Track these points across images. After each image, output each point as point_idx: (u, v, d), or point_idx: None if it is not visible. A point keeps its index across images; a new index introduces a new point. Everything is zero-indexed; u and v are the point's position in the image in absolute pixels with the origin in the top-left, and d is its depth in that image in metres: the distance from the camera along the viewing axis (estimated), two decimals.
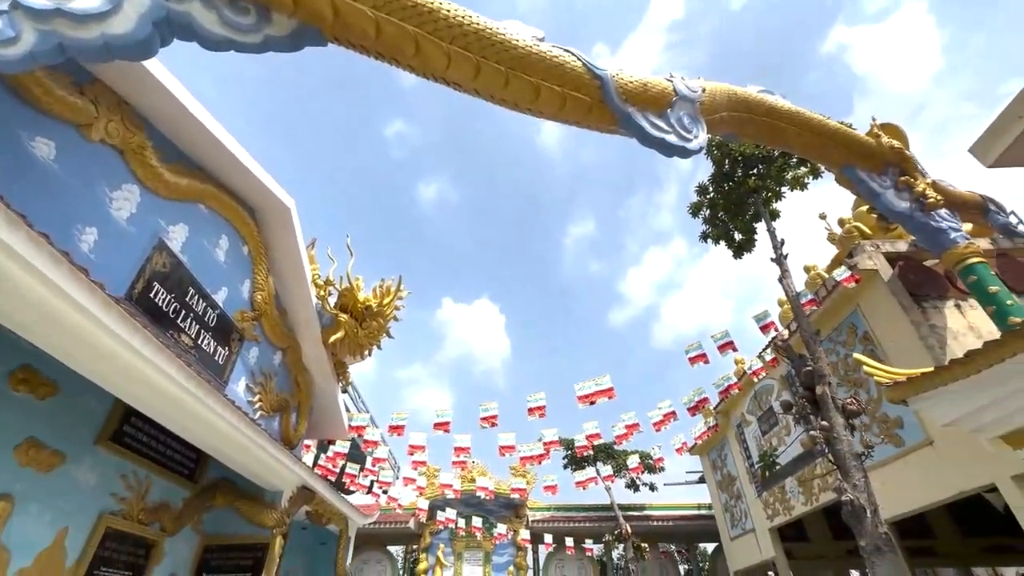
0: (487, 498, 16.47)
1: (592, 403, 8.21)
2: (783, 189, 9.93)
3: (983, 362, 4.36)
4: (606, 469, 16.05)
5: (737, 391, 11.02)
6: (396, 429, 8.70)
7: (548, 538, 15.90)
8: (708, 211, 10.26)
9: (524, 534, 15.94)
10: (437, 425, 8.56)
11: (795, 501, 11.35)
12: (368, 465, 10.88)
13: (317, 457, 11.26)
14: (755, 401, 13.17)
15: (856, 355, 5.88)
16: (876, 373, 5.56)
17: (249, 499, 7.21)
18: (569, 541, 15.80)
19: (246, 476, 6.95)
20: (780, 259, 8.11)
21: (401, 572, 17.80)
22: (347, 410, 9.39)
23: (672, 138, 4.84)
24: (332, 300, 7.20)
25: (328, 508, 9.11)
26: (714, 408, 15.22)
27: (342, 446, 10.45)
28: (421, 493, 13.15)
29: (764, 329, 9.41)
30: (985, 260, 7.08)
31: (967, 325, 8.04)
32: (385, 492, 13.38)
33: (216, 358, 5.88)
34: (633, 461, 13.89)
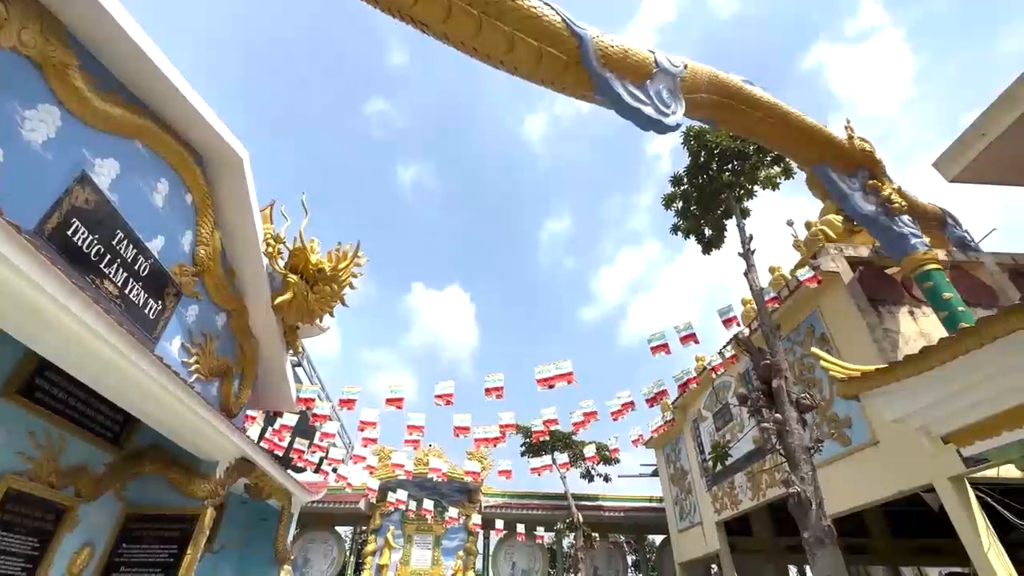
0: (440, 480, 16.27)
1: (551, 387, 8.06)
2: (755, 188, 9.97)
3: (936, 359, 4.37)
4: (563, 457, 16.09)
5: (696, 385, 11.11)
6: (347, 403, 8.34)
7: (500, 524, 15.84)
8: (681, 203, 10.22)
9: (476, 519, 15.82)
10: (389, 401, 8.24)
11: (742, 496, 11.57)
12: (317, 441, 10.46)
13: (264, 430, 10.78)
14: (712, 397, 13.35)
15: (814, 349, 5.91)
16: (831, 368, 5.58)
17: (181, 468, 6.76)
18: (520, 528, 15.77)
19: (179, 443, 6.51)
20: (747, 253, 8.11)
21: (348, 554, 17.44)
22: (297, 381, 8.97)
23: (649, 110, 4.65)
24: (282, 261, 6.75)
25: (269, 482, 8.70)
26: (672, 403, 15.42)
27: (290, 419, 10.00)
28: (372, 473, 12.81)
29: (727, 323, 9.46)
30: (941, 268, 7.26)
31: (919, 331, 8.25)
32: (334, 470, 12.98)
33: (147, 312, 5.40)
34: (590, 451, 13.92)
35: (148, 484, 6.75)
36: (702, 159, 9.14)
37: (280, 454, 10.63)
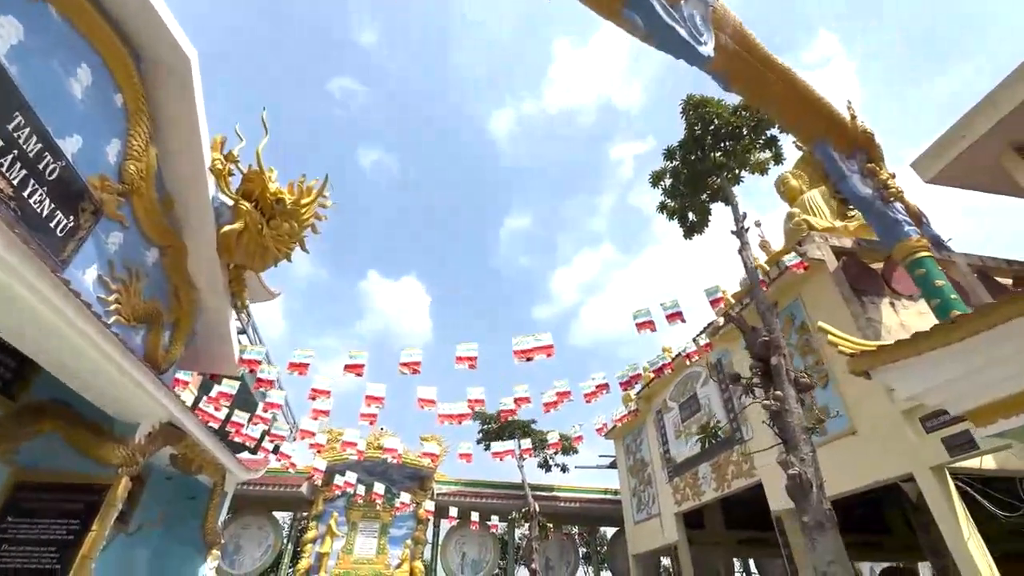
0: (393, 465, 15.35)
1: (529, 359, 7.44)
2: (743, 173, 9.73)
3: (966, 330, 4.04)
4: (522, 444, 15.53)
5: (670, 371, 10.81)
6: (299, 367, 7.38)
7: (453, 511, 15.12)
8: (670, 180, 9.84)
9: (429, 506, 15.01)
10: (348, 367, 7.35)
11: (706, 487, 11.41)
12: (260, 412, 9.35)
13: (198, 400, 9.57)
14: (679, 388, 13.17)
15: (821, 324, 5.59)
16: (840, 342, 5.23)
17: (90, 428, 5.65)
18: (475, 516, 15.12)
19: (90, 399, 5.43)
20: (741, 231, 7.79)
21: (285, 541, 16.20)
22: (239, 341, 7.90)
23: (683, 32, 4.08)
24: (235, 186, 5.73)
25: (200, 454, 7.61)
26: (636, 393, 15.19)
27: (229, 387, 8.87)
28: (320, 452, 11.70)
29: (714, 304, 9.13)
30: (932, 255, 7.19)
31: (900, 323, 8.20)
32: (276, 449, 11.85)
33: (53, 226, 4.33)
34: (553, 438, 13.43)
35: (46, 446, 5.61)
36: (697, 132, 8.75)
37: (216, 427, 9.47)
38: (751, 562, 18.42)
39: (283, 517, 16.50)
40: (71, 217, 4.50)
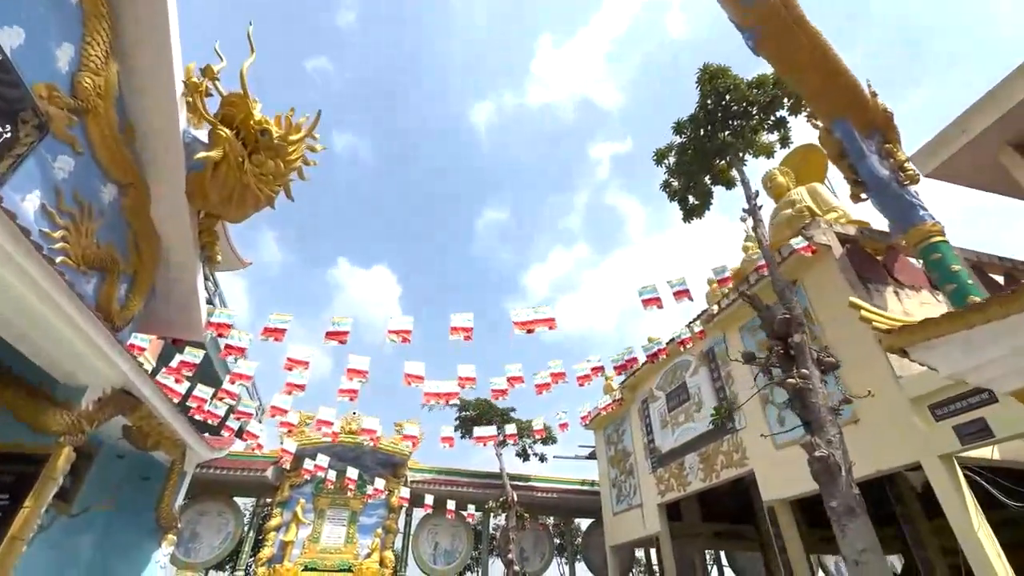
0: (368, 448, 14.62)
1: (530, 332, 6.93)
2: (747, 156, 9.47)
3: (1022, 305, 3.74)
4: (498, 433, 15.02)
5: (665, 356, 10.50)
6: (274, 333, 6.63)
7: (429, 499, 14.52)
8: (675, 158, 9.48)
9: (404, 492, 14.36)
10: (331, 335, 6.66)
11: (693, 478, 11.19)
12: (227, 385, 8.52)
13: (156, 370, 8.68)
14: (667, 377, 12.93)
15: (852, 299, 5.29)
16: (875, 318, 4.93)
17: (26, 389, 4.84)
18: (451, 504, 14.57)
19: (26, 353, 4.64)
20: (754, 208, 7.47)
21: (246, 529, 15.27)
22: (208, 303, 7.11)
23: None
24: (212, 111, 4.96)
25: (158, 428, 6.82)
26: (621, 383, 14.92)
27: (192, 355, 8.03)
28: (291, 432, 10.84)
29: (722, 283, 8.81)
30: (947, 240, 7.03)
31: (903, 311, 8.06)
32: (242, 430, 10.99)
33: None
34: (537, 424, 12.98)
35: None
36: (710, 105, 8.38)
37: (176, 401, 8.62)
38: (722, 555, 18.51)
39: (245, 503, 15.55)
40: (7, 126, 3.71)
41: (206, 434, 10.08)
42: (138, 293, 5.81)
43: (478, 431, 11.44)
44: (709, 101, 8.34)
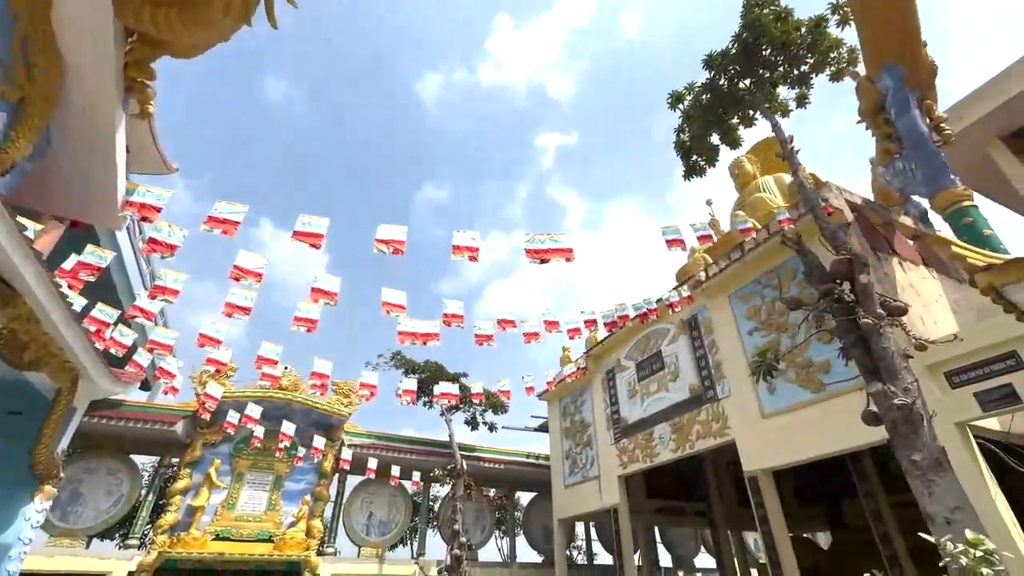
0: (303, 403, 12.91)
1: (544, 262, 5.87)
2: (756, 115, 8.97)
3: None
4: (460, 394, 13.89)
5: (655, 317, 9.85)
6: (224, 224, 5.02)
7: (373, 464, 13.09)
8: (691, 102, 8.77)
9: (347, 454, 12.82)
10: (299, 235, 5.16)
11: (663, 448, 10.76)
12: (144, 302, 6.65)
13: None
14: (639, 346, 12.42)
15: (940, 234, 4.77)
16: (969, 254, 4.41)
17: None
18: (396, 471, 13.27)
19: None
20: (791, 153, 6.87)
21: (144, 492, 13.00)
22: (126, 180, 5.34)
23: None
24: None
25: (42, 337, 5.04)
26: (585, 353, 14.30)
27: (96, 257, 6.13)
28: (219, 373, 8.86)
29: (702, 240, 8.14)
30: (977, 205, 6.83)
31: (909, 283, 7.92)
32: (154, 366, 9.03)
33: None
34: (505, 385, 11.93)
35: None
36: (746, 38, 7.67)
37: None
38: (656, 530, 18.71)
39: (145, 462, 13.27)
40: None
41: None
42: (24, 132, 4.04)
43: (439, 388, 10.27)
44: (747, 34, 7.61)
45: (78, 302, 6.18)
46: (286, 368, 14.02)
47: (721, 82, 8.35)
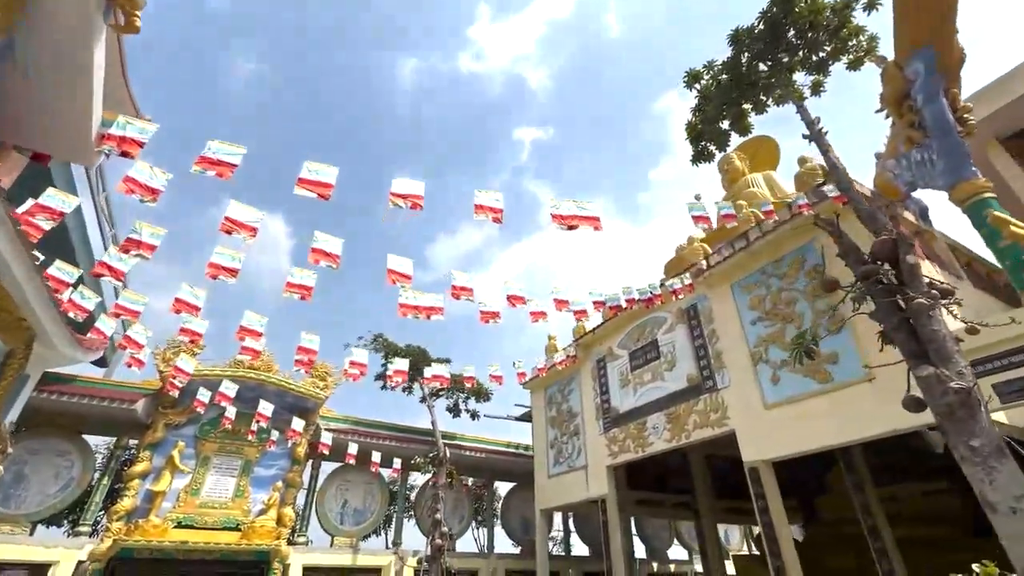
0: (280, 385, 12.14)
1: (572, 227, 5.45)
2: (769, 100, 8.80)
3: None
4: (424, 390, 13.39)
5: (660, 302, 9.57)
6: (218, 166, 4.36)
7: (353, 448, 12.44)
8: (711, 79, 8.49)
9: (326, 438, 12.11)
10: (305, 183, 4.57)
11: (656, 438, 10.56)
12: (111, 258, 5.86)
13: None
14: (633, 334, 12.19)
15: (995, 213, 4.59)
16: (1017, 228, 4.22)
17: None
18: (376, 457, 12.66)
19: None
20: (819, 135, 6.66)
21: (98, 475, 11.99)
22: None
23: None
24: None
25: None
26: (574, 341, 14.00)
27: (58, 201, 5.33)
28: (193, 343, 7.97)
29: (697, 220, 7.82)
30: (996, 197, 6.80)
31: None
32: (114, 339, 8.17)
33: None
34: (495, 371, 11.44)
35: None
36: (776, 14, 7.42)
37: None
38: (632, 521, 18.73)
39: (99, 443, 12.23)
40: None
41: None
42: None
43: (430, 371, 9.75)
44: (776, 8, 7.36)
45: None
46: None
47: (743, 60, 8.11)
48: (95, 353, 6.74)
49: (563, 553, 17.04)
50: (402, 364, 9.08)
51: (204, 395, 10.04)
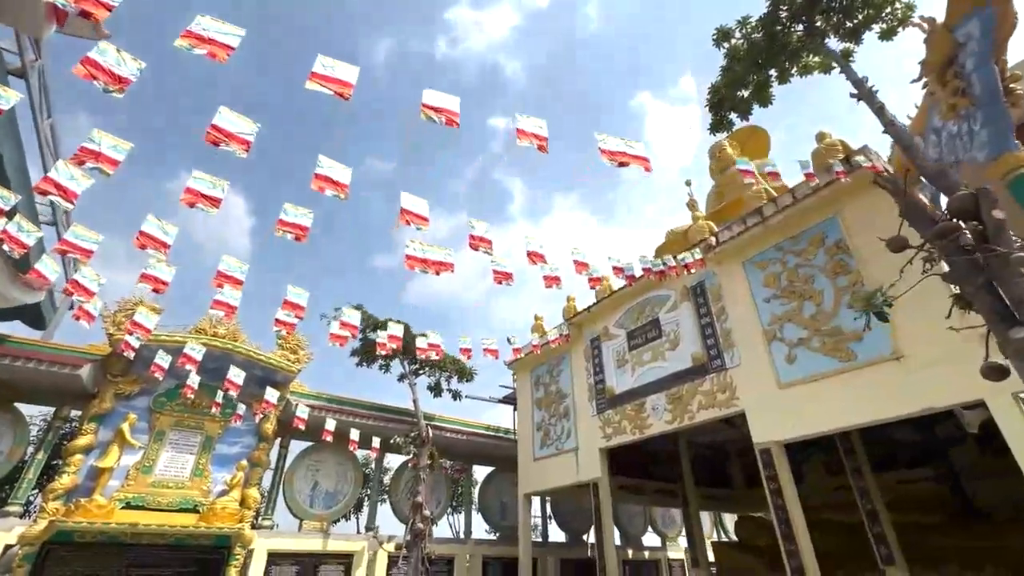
0: (247, 356, 11.02)
1: (623, 164, 4.80)
2: (793, 69, 8.41)
3: None
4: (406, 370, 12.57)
5: (675, 274, 9.04)
6: (215, 46, 3.43)
7: (331, 424, 11.47)
8: (742, 40, 7.99)
9: (302, 413, 11.06)
10: (315, 75, 3.72)
11: (656, 419, 10.14)
12: (59, 175, 4.77)
13: None
14: (632, 313, 11.71)
15: None
16: None
17: None
18: (355, 435, 11.74)
19: None
20: (869, 94, 6.24)
21: (32, 449, 10.60)
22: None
23: None
24: None
25: None
26: (568, 320, 13.44)
27: None
28: (158, 291, 6.86)
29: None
30: None
31: None
32: (68, 273, 6.99)
33: None
34: (489, 344, 10.67)
35: None
36: None
37: None
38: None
39: (35, 413, 10.82)
40: None
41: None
42: None
43: (424, 339, 8.95)
44: None
45: None
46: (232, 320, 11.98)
47: (782, 16, 7.64)
48: (34, 294, 5.63)
49: (540, 540, 16.59)
50: (396, 329, 8.25)
51: (164, 359, 8.87)
